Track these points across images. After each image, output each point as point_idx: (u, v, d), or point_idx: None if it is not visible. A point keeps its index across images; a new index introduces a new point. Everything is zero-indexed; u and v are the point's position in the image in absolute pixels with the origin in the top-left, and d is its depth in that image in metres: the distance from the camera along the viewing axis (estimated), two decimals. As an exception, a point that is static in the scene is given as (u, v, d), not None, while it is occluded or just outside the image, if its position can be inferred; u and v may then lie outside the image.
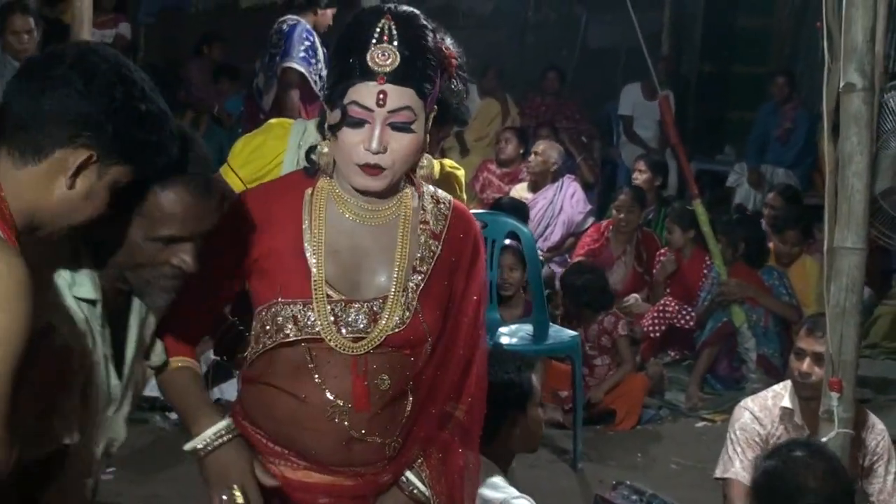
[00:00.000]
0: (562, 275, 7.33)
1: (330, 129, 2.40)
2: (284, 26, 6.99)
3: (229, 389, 5.81)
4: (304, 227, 2.46)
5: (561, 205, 8.67)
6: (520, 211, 7.52)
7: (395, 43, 2.33)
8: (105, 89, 2.05)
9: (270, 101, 7.03)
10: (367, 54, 2.32)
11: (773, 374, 6.70)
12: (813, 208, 7.64)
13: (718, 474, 4.42)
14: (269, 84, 7.08)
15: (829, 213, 3.74)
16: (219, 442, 2.42)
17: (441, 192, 2.60)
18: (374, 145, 2.33)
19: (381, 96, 2.32)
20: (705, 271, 7.47)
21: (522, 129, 9.94)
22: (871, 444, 4.29)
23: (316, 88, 6.77)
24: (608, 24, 12.21)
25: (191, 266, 2.28)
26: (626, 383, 6.49)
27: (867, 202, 3.66)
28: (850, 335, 3.69)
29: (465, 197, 3.28)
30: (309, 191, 2.49)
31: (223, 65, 10.79)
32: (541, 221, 8.57)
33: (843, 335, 3.68)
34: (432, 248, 2.51)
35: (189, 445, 2.44)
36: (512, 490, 3.40)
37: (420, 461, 2.58)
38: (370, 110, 2.33)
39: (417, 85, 2.35)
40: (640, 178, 8.80)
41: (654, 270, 7.78)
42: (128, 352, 2.39)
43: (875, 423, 4.36)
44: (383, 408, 2.48)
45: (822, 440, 3.70)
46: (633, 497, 4.49)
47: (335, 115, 2.37)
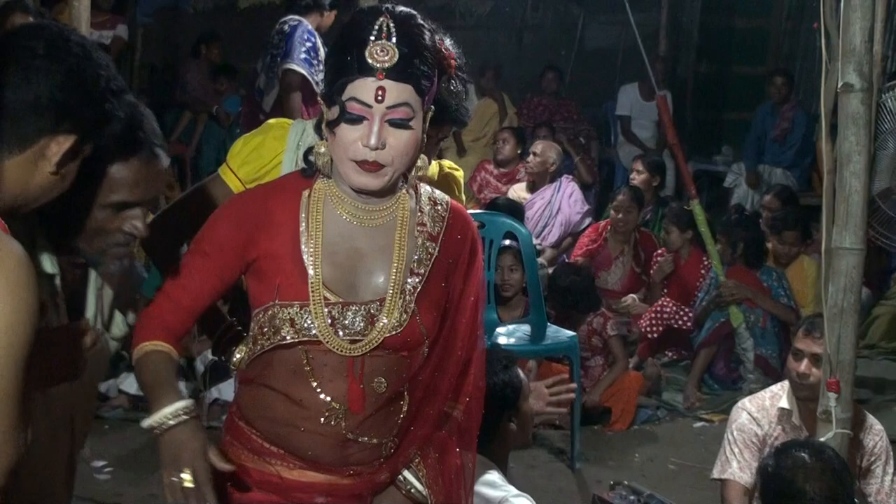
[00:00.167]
0: (548, 277, 7.32)
1: (328, 126, 2.39)
2: (286, 27, 6.93)
3: (227, 389, 5.82)
4: (301, 229, 2.44)
5: (559, 205, 8.66)
6: (515, 211, 7.50)
7: (394, 40, 2.32)
8: (82, 75, 2.10)
9: (271, 101, 6.99)
10: (366, 51, 2.31)
11: (770, 374, 6.71)
12: (811, 209, 7.66)
13: (716, 475, 4.41)
14: (270, 85, 7.03)
15: (826, 214, 3.73)
16: (175, 421, 2.33)
17: (438, 193, 2.59)
18: (372, 141, 2.32)
19: (379, 92, 2.31)
20: (703, 272, 7.48)
21: (520, 130, 9.93)
22: (868, 444, 4.29)
23: (318, 90, 6.73)
24: (606, 25, 12.23)
25: (142, 231, 2.34)
26: (619, 381, 6.49)
27: (865, 202, 3.65)
28: (848, 335, 3.68)
29: (463, 198, 3.27)
30: (306, 192, 2.47)
31: (221, 64, 10.79)
32: (538, 221, 8.56)
33: (840, 335, 3.67)
34: (430, 250, 2.50)
35: (146, 422, 2.36)
36: (511, 488, 3.39)
37: (417, 460, 2.58)
38: (368, 106, 2.32)
39: (415, 81, 2.34)
40: (637, 178, 8.79)
41: (652, 271, 7.79)
42: None
43: (873, 424, 4.36)
44: (379, 410, 2.48)
45: (821, 441, 3.70)
46: (631, 497, 4.49)
47: (333, 112, 2.37)
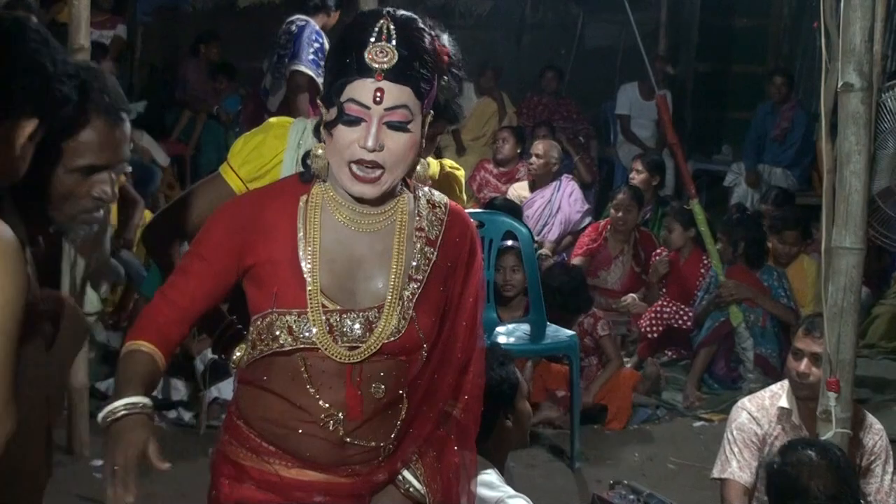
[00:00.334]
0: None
1: (326, 127, 2.38)
2: (293, 27, 6.85)
3: (226, 388, 5.81)
4: (299, 235, 2.43)
5: (559, 204, 8.66)
6: (513, 212, 7.48)
7: (394, 42, 2.32)
8: (41, 60, 2.14)
9: (277, 102, 6.92)
10: (365, 52, 2.30)
11: (770, 373, 6.70)
12: (811, 208, 7.66)
13: (716, 474, 4.41)
14: (276, 85, 6.97)
15: (826, 213, 3.73)
16: (125, 412, 2.29)
17: (437, 195, 2.57)
18: (370, 143, 2.32)
19: (378, 94, 2.31)
20: (702, 271, 7.48)
21: (520, 129, 9.93)
22: (868, 443, 4.29)
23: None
24: (605, 24, 12.23)
25: (110, 196, 2.38)
26: (614, 379, 6.47)
27: (865, 202, 3.65)
28: (848, 335, 3.68)
29: (464, 198, 3.26)
30: (304, 198, 2.46)
31: (221, 63, 10.78)
32: (538, 220, 8.56)
33: (840, 335, 3.67)
34: (428, 254, 2.49)
35: (100, 413, 2.33)
36: (507, 489, 3.38)
37: (416, 459, 2.58)
38: (367, 108, 2.31)
39: (415, 84, 2.33)
40: (637, 177, 8.78)
41: (650, 271, 7.79)
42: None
43: (873, 423, 4.35)
44: (377, 414, 2.48)
45: (826, 440, 3.70)
46: (631, 497, 4.49)
47: (331, 113, 2.36)
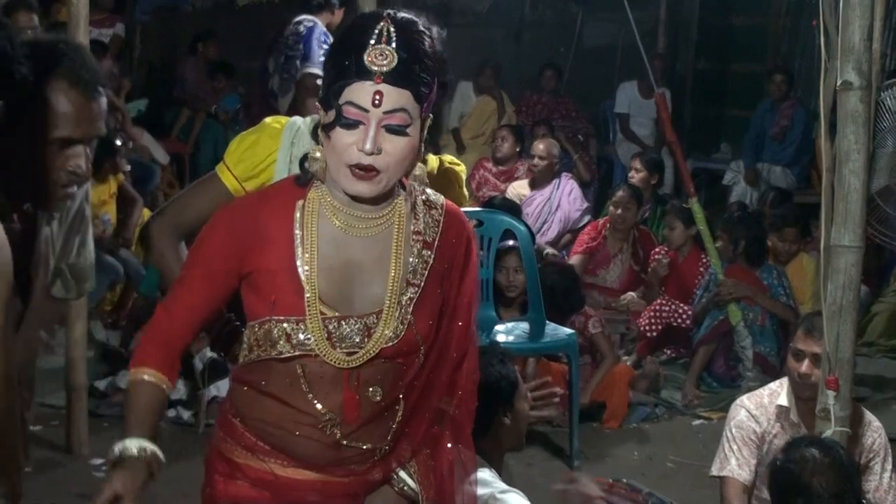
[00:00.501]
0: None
1: (323, 130, 2.36)
2: (301, 28, 6.76)
3: (225, 387, 5.78)
4: (296, 242, 2.41)
5: (558, 202, 8.67)
6: (512, 210, 7.47)
7: (394, 45, 2.29)
8: (6, 47, 2.18)
9: (287, 104, 6.80)
10: (365, 54, 2.28)
11: (769, 371, 6.70)
12: (810, 206, 7.66)
13: (715, 472, 4.41)
14: (285, 87, 6.85)
15: (825, 212, 3.73)
16: (137, 454, 2.43)
17: (433, 196, 2.54)
18: (367, 146, 2.29)
19: (377, 96, 2.28)
20: (701, 269, 7.48)
21: (519, 127, 9.92)
22: (867, 441, 4.29)
23: None
24: (604, 22, 12.21)
25: (84, 170, 2.41)
26: (609, 375, 6.46)
27: (864, 200, 3.65)
28: (847, 333, 3.68)
29: (465, 192, 3.23)
30: (300, 203, 2.44)
31: (219, 62, 10.78)
32: (538, 218, 8.57)
33: (839, 333, 3.67)
34: (425, 258, 2.48)
35: (115, 448, 2.42)
36: (500, 484, 3.36)
37: (410, 458, 2.58)
38: (365, 111, 2.29)
39: (414, 87, 2.31)
40: (636, 176, 8.78)
41: (649, 271, 7.79)
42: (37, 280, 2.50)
43: (871, 421, 4.35)
44: (374, 417, 2.48)
45: (830, 438, 3.69)
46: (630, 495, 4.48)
47: (329, 116, 2.34)
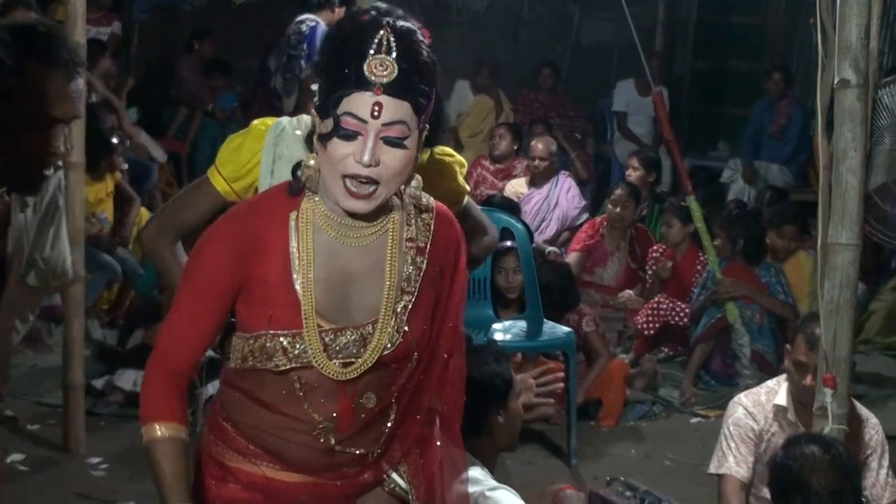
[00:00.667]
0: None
1: (319, 140, 2.32)
2: (304, 27, 6.71)
3: (223, 386, 5.80)
4: (292, 255, 2.38)
5: (556, 200, 8.68)
6: (511, 209, 7.47)
7: (394, 55, 2.25)
8: None
9: (293, 105, 6.75)
10: (364, 64, 2.24)
11: (766, 369, 6.70)
12: (807, 205, 7.66)
13: (713, 470, 4.41)
14: (289, 87, 6.79)
15: (822, 209, 3.73)
16: None
17: (424, 198, 2.50)
18: (366, 158, 2.26)
19: (376, 108, 2.24)
20: (699, 267, 7.49)
21: (516, 126, 9.93)
22: (864, 438, 4.29)
23: None
24: (602, 21, 12.22)
25: (63, 151, 2.47)
26: (605, 371, 6.45)
27: (861, 198, 3.65)
28: (844, 331, 3.68)
29: (462, 183, 3.14)
30: (294, 214, 2.40)
31: (216, 61, 10.77)
32: (536, 215, 8.59)
33: (836, 331, 3.67)
34: (419, 264, 2.47)
35: None
36: (490, 481, 3.36)
37: (400, 458, 2.59)
38: (364, 122, 2.25)
39: (413, 99, 2.27)
40: (633, 174, 8.78)
41: (648, 272, 7.78)
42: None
43: (869, 418, 4.36)
44: (368, 424, 2.49)
45: (831, 435, 3.69)
46: (628, 493, 4.48)
47: (326, 125, 2.29)
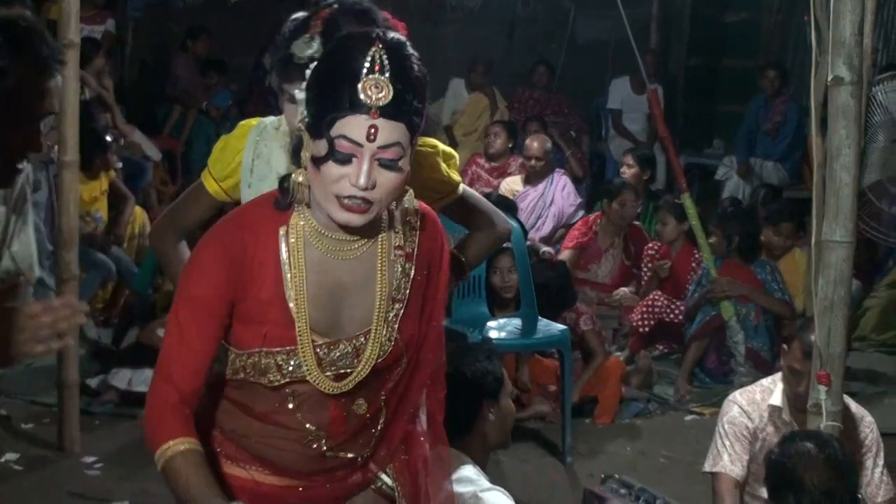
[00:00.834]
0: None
1: (313, 162, 2.26)
2: None
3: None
4: (284, 272, 2.35)
5: (552, 197, 8.69)
6: (507, 208, 7.46)
7: (387, 74, 2.20)
8: None
9: None
10: (359, 86, 2.19)
11: (761, 367, 6.69)
12: (801, 202, 7.66)
13: (707, 468, 4.41)
14: None
15: (817, 207, 3.73)
16: None
17: (408, 202, 2.44)
18: (361, 182, 2.21)
19: (372, 131, 2.20)
20: (694, 265, 7.49)
21: (511, 123, 9.92)
22: (859, 436, 4.28)
23: None
24: (596, 18, 12.22)
25: (43, 147, 2.48)
26: (601, 370, 6.46)
27: (855, 195, 3.64)
28: (838, 328, 3.68)
29: (453, 175, 3.09)
30: (283, 230, 2.36)
31: (210, 59, 10.77)
32: (532, 213, 8.59)
33: (831, 328, 3.67)
34: (408, 271, 2.46)
35: None
36: (483, 482, 3.35)
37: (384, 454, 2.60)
38: (359, 145, 2.21)
39: (408, 119, 2.23)
40: (628, 171, 8.80)
41: (644, 270, 7.77)
42: None
43: (864, 416, 4.35)
44: (359, 429, 2.50)
45: (829, 433, 3.68)
46: (622, 490, 4.48)
47: (320, 148, 2.24)
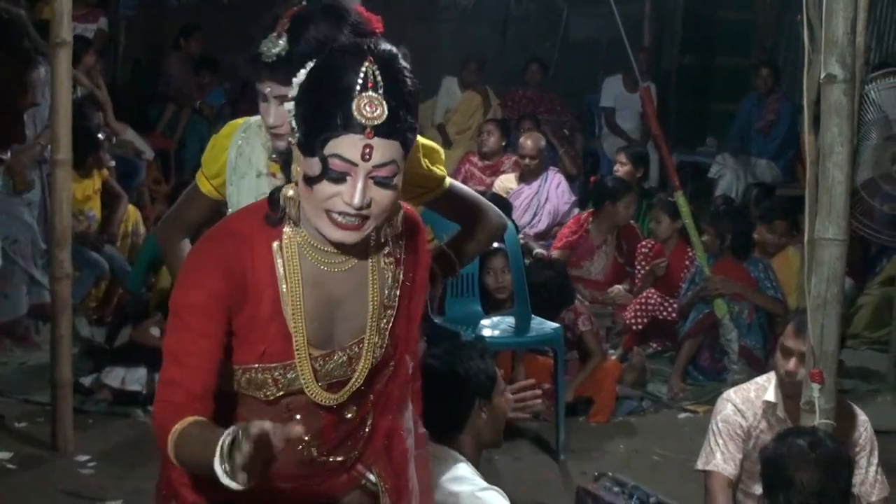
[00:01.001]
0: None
1: (306, 181, 2.23)
2: None
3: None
4: (280, 288, 2.33)
5: (546, 195, 8.70)
6: (502, 206, 7.42)
7: (381, 91, 2.16)
8: None
9: None
10: (353, 104, 2.15)
11: (755, 365, 6.70)
12: (794, 200, 7.66)
13: (700, 466, 4.41)
14: None
15: (809, 205, 3.73)
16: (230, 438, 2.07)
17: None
18: (356, 201, 2.19)
19: (366, 150, 2.17)
20: (687, 263, 7.49)
21: (504, 122, 9.94)
22: (853, 435, 4.27)
23: None
24: (589, 17, 12.25)
25: (25, 137, 2.54)
26: (598, 372, 6.45)
27: (848, 193, 3.64)
28: (832, 326, 3.68)
29: (435, 169, 3.07)
30: (276, 245, 2.33)
31: (204, 57, 10.77)
32: (527, 210, 8.60)
33: (824, 326, 3.66)
34: (397, 276, 2.46)
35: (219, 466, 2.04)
36: (479, 481, 3.34)
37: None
38: (354, 164, 2.18)
39: (402, 137, 2.20)
40: (621, 170, 8.80)
41: (637, 268, 7.77)
42: None
43: (857, 414, 4.34)
44: (349, 434, 2.51)
45: (825, 431, 3.69)
46: (616, 489, 4.48)
47: (313, 167, 2.21)
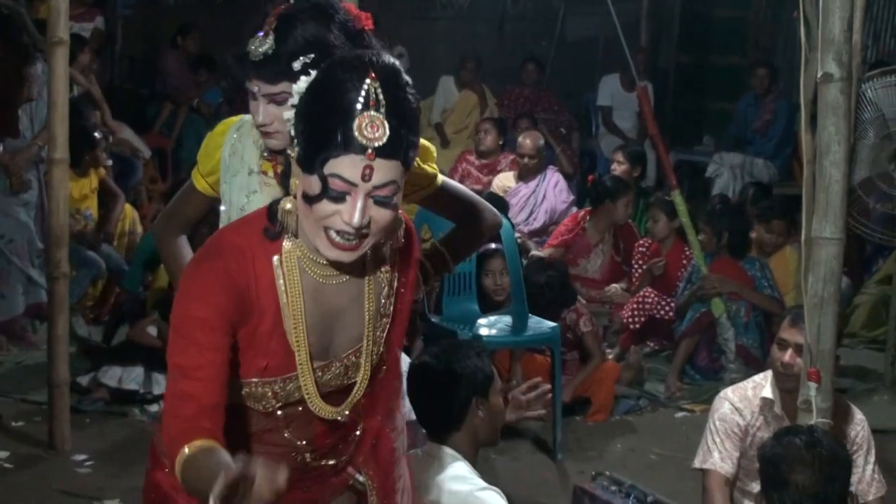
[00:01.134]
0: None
1: (305, 199, 2.20)
2: None
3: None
4: (281, 302, 2.31)
5: (544, 193, 8.70)
6: (499, 206, 7.45)
7: (383, 110, 2.12)
8: None
9: None
10: (353, 124, 2.11)
11: (752, 364, 6.70)
12: (792, 198, 7.66)
13: (697, 464, 4.42)
14: None
15: (806, 204, 3.73)
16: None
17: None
18: (356, 221, 2.16)
19: (367, 171, 2.13)
20: (684, 262, 7.49)
21: (501, 121, 9.93)
22: (850, 434, 4.28)
23: None
24: (586, 16, 12.23)
25: (19, 132, 2.53)
26: (597, 372, 6.45)
27: (845, 192, 3.64)
28: (829, 325, 3.68)
29: (426, 167, 3.06)
30: (276, 259, 2.31)
31: (201, 56, 10.76)
32: (523, 208, 8.60)
33: (821, 325, 3.67)
34: (392, 282, 2.46)
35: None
36: (478, 481, 3.35)
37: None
38: (354, 185, 2.15)
39: (404, 156, 2.17)
40: (618, 169, 8.78)
41: (635, 267, 7.77)
42: None
43: (854, 414, 4.35)
44: (341, 438, 2.53)
45: (822, 430, 3.68)
46: (613, 488, 4.48)
47: (312, 185, 2.17)
